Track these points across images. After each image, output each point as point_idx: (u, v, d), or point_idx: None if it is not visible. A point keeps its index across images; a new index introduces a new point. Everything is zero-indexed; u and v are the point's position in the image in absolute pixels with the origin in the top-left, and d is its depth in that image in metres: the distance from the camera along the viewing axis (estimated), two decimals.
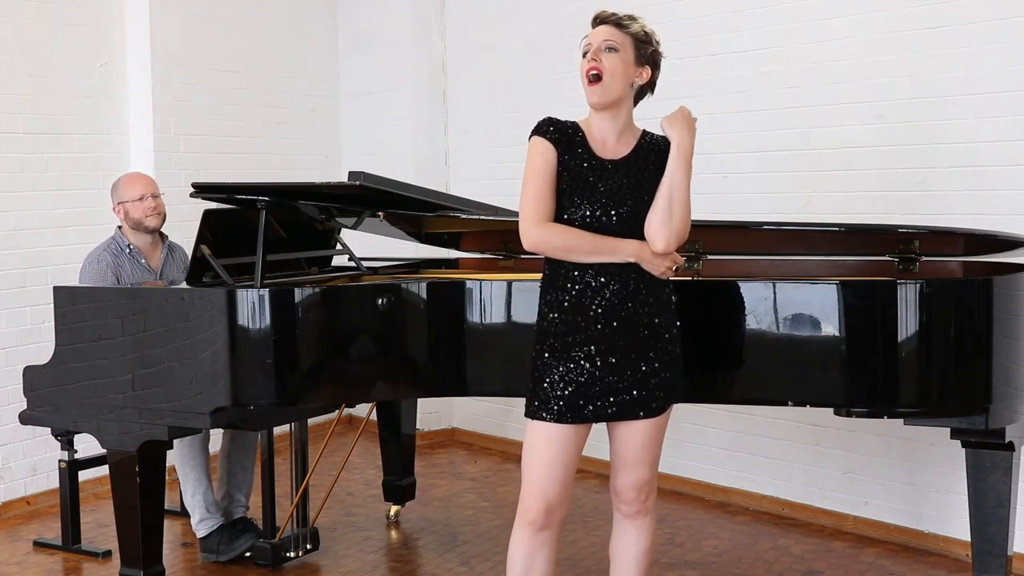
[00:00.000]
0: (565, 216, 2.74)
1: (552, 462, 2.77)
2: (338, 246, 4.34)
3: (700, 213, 4.50)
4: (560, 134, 2.78)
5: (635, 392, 2.77)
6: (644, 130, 2.92)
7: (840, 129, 4.43)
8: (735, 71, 4.75)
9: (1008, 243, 3.34)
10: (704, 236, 3.68)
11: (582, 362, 2.75)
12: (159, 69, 5.35)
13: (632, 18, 2.84)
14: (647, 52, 2.86)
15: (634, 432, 2.84)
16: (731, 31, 4.76)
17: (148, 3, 5.29)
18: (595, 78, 2.74)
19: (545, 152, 2.76)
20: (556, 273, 2.79)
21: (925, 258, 3.46)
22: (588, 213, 2.73)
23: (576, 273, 2.75)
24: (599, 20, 2.83)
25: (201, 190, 3.74)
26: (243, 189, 3.75)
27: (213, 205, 3.89)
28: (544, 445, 2.77)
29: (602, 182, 2.76)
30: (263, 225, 3.58)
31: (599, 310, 2.75)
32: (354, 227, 4.22)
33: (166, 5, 5.39)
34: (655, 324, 2.79)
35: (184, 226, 4.41)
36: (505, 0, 5.76)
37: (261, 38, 5.96)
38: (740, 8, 4.72)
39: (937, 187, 4.15)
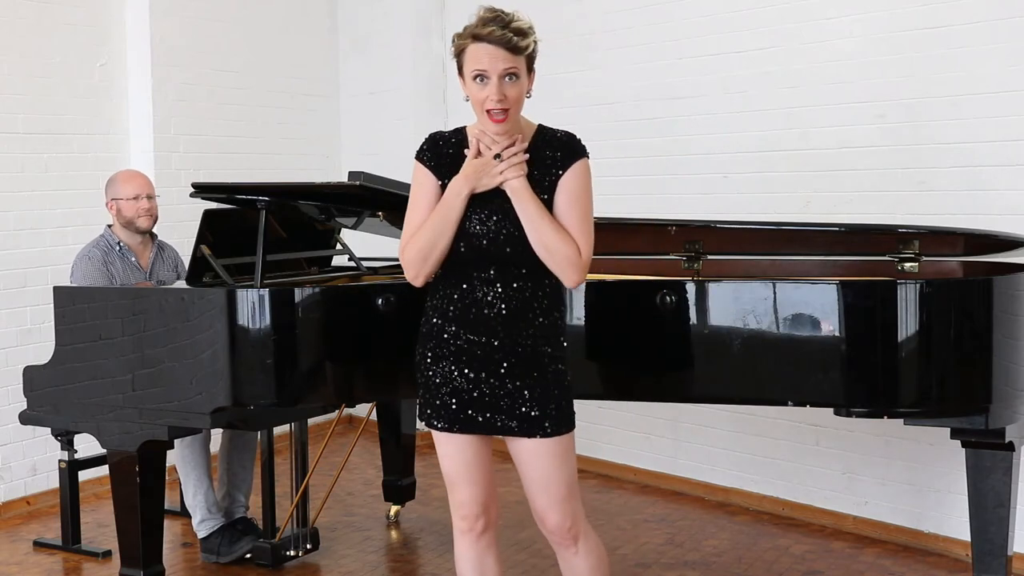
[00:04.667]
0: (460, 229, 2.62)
1: (468, 467, 2.69)
2: (338, 246, 4.34)
3: (700, 213, 4.55)
4: (439, 157, 2.67)
5: (522, 411, 2.62)
6: (539, 127, 2.70)
7: (840, 129, 4.43)
8: (735, 71, 4.75)
9: (1008, 243, 3.35)
10: (704, 236, 3.68)
11: (465, 371, 2.64)
12: (159, 69, 5.35)
13: (523, 32, 2.58)
14: (534, 59, 2.64)
15: (533, 454, 2.66)
16: (731, 31, 4.76)
17: (148, 3, 5.29)
18: (503, 115, 2.55)
19: (424, 182, 2.67)
20: (445, 279, 2.68)
21: (925, 258, 3.46)
22: (480, 229, 2.60)
23: (465, 285, 2.63)
24: (490, 39, 2.57)
25: (201, 190, 3.74)
26: (243, 189, 3.75)
27: (213, 205, 3.89)
28: (457, 453, 2.69)
29: (487, 201, 2.60)
30: (263, 225, 3.58)
31: (485, 323, 2.62)
32: (354, 227, 4.22)
33: (166, 5, 5.39)
34: (541, 343, 2.64)
35: (184, 226, 4.42)
36: (505, 1, 5.74)
37: (261, 38, 5.96)
38: (740, 8, 4.72)
39: (937, 187, 4.15)
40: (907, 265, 3.44)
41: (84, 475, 4.45)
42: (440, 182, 2.67)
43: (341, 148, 6.48)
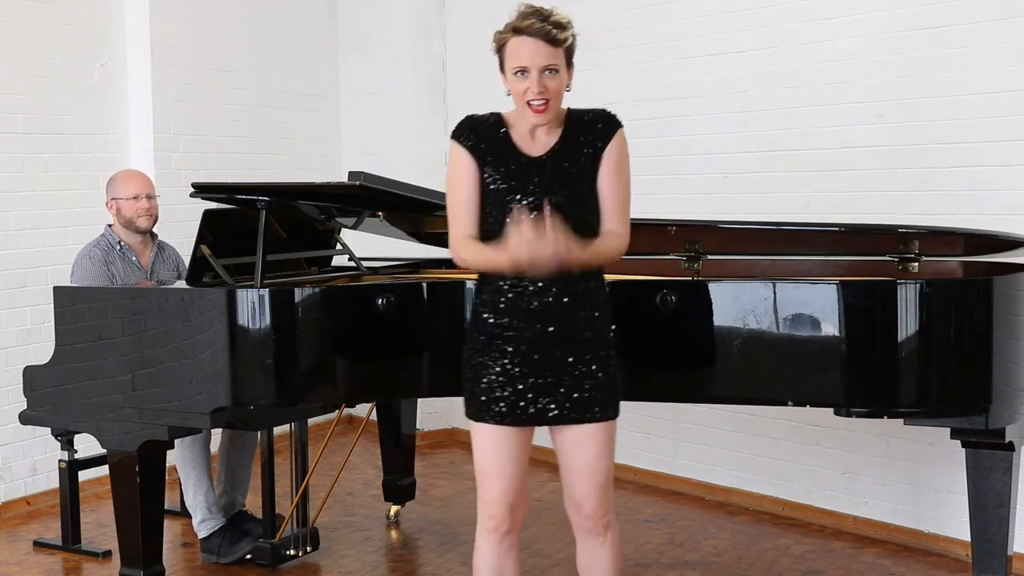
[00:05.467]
0: (494, 213, 2.68)
1: (505, 465, 2.73)
2: (338, 246, 4.34)
3: (700, 213, 4.55)
4: (478, 138, 2.71)
5: (575, 396, 2.69)
6: (568, 109, 2.76)
7: (840, 129, 4.43)
8: (735, 71, 4.75)
9: (1008, 243, 3.34)
10: (704, 236, 3.68)
11: (518, 364, 2.69)
12: (159, 69, 5.35)
13: (561, 25, 2.64)
14: (572, 53, 2.70)
15: (581, 439, 2.73)
16: (731, 31, 4.76)
17: (148, 3, 5.29)
18: (543, 106, 2.63)
19: (462, 165, 2.71)
20: (493, 275, 2.71)
21: (925, 258, 3.46)
22: (522, 199, 2.65)
23: (513, 278, 2.67)
24: (530, 32, 2.62)
25: (201, 190, 3.74)
26: (243, 189, 3.75)
27: (213, 205, 3.89)
28: (493, 448, 2.73)
29: (530, 178, 2.67)
30: (263, 225, 3.58)
31: (535, 313, 2.67)
32: (354, 227, 4.22)
33: (166, 5, 5.39)
34: (592, 329, 2.71)
35: (184, 226, 4.42)
36: (505, 0, 5.75)
37: (261, 38, 5.96)
38: (740, 8, 4.72)
39: (937, 187, 4.15)
40: (907, 265, 3.44)
41: (84, 475, 4.45)
42: (478, 165, 2.70)
43: (341, 148, 6.48)
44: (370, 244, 4.66)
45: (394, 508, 4.71)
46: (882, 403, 3.18)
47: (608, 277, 3.54)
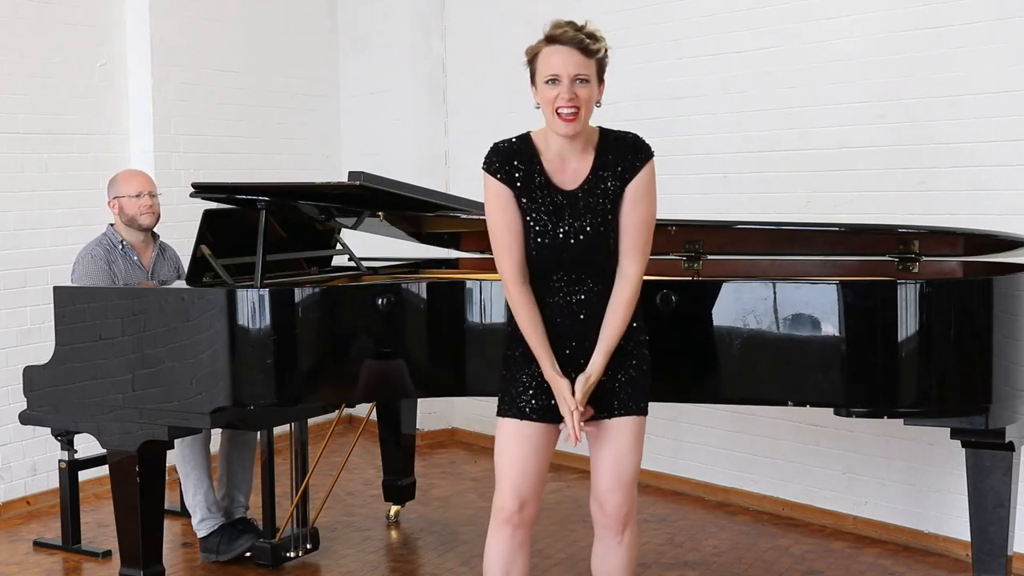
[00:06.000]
0: (530, 237, 2.73)
1: (525, 458, 2.77)
2: (338, 246, 4.34)
3: (700, 213, 4.55)
4: (510, 167, 2.72)
5: (603, 392, 2.77)
6: (600, 129, 2.80)
7: (840, 129, 4.43)
8: (735, 71, 4.75)
9: (1008, 243, 3.34)
10: (704, 236, 3.68)
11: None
12: (159, 69, 5.35)
13: (594, 37, 2.67)
14: (604, 67, 2.74)
15: (609, 435, 2.80)
16: (731, 31, 4.76)
17: (148, 3, 5.29)
18: (573, 115, 2.64)
19: (500, 194, 2.72)
20: (531, 286, 2.78)
21: (925, 258, 3.45)
22: (551, 236, 2.71)
23: (546, 287, 2.75)
24: (564, 41, 2.65)
25: (201, 190, 3.74)
26: (243, 189, 3.75)
27: (213, 205, 3.89)
28: (516, 442, 2.77)
29: (563, 215, 2.71)
30: (263, 225, 3.58)
31: (568, 322, 2.75)
32: (354, 227, 4.22)
33: (166, 5, 5.39)
34: (628, 338, 2.79)
35: (184, 226, 4.42)
36: (505, 1, 5.76)
37: (261, 38, 5.96)
38: (740, 8, 4.72)
39: (937, 187, 4.15)
40: (907, 265, 3.44)
41: (84, 475, 4.45)
42: (514, 195, 2.72)
43: (341, 148, 6.48)
44: (370, 244, 4.66)
45: (394, 508, 4.71)
46: (882, 403, 3.18)
47: None
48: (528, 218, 2.73)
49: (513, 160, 2.73)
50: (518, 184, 2.72)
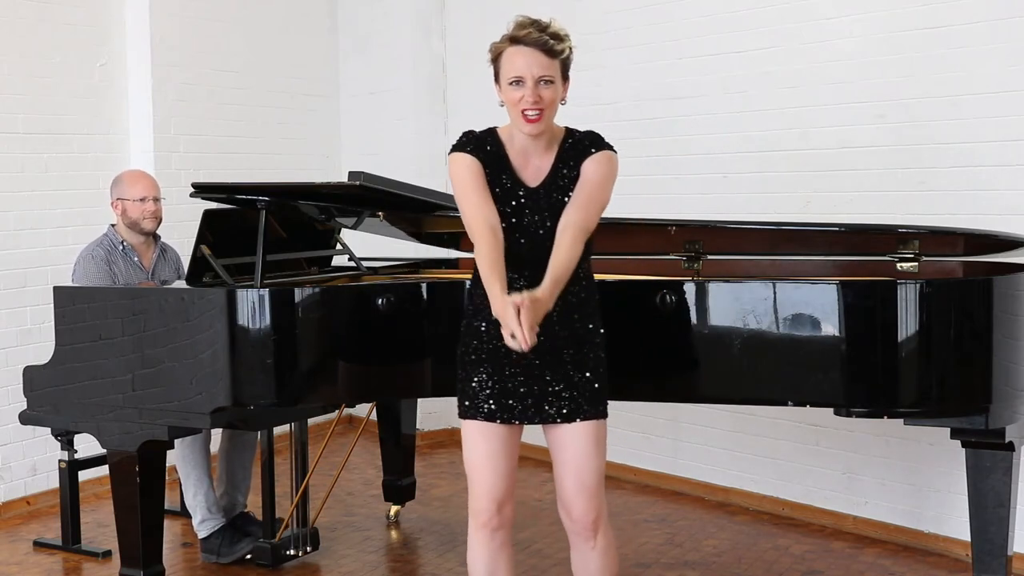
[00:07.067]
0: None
1: (494, 459, 2.76)
2: (338, 246, 4.34)
3: (700, 213, 4.55)
4: (484, 154, 2.71)
5: (565, 396, 2.74)
6: (566, 129, 2.77)
7: (840, 129, 4.43)
8: (735, 71, 4.75)
9: (1008, 243, 3.34)
10: (704, 236, 3.68)
11: (509, 368, 2.73)
12: (159, 69, 5.35)
13: (559, 37, 2.64)
14: (568, 66, 2.70)
15: (569, 437, 2.76)
16: (731, 31, 4.76)
17: (148, 3, 5.29)
18: (538, 116, 2.63)
19: (471, 165, 2.69)
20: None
21: (925, 258, 3.46)
22: (512, 231, 2.68)
23: (510, 280, 2.66)
24: (527, 42, 2.62)
25: (201, 190, 3.74)
26: (243, 189, 3.75)
27: (213, 205, 3.89)
28: (483, 444, 2.76)
29: (523, 212, 2.71)
30: (263, 225, 3.58)
31: None
32: (354, 227, 4.22)
33: (166, 5, 5.38)
34: (583, 336, 2.76)
35: (184, 226, 4.42)
36: (505, 1, 5.75)
37: (261, 38, 5.96)
38: (740, 8, 4.72)
39: (937, 187, 4.15)
40: (907, 265, 3.44)
41: (84, 475, 4.45)
42: (486, 171, 2.70)
43: (341, 148, 6.48)
44: (370, 244, 4.66)
45: (394, 508, 4.71)
46: (882, 403, 3.18)
47: (608, 277, 3.56)
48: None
49: (486, 147, 2.73)
50: (487, 171, 2.71)
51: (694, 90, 4.90)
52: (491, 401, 2.75)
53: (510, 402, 2.74)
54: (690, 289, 3.29)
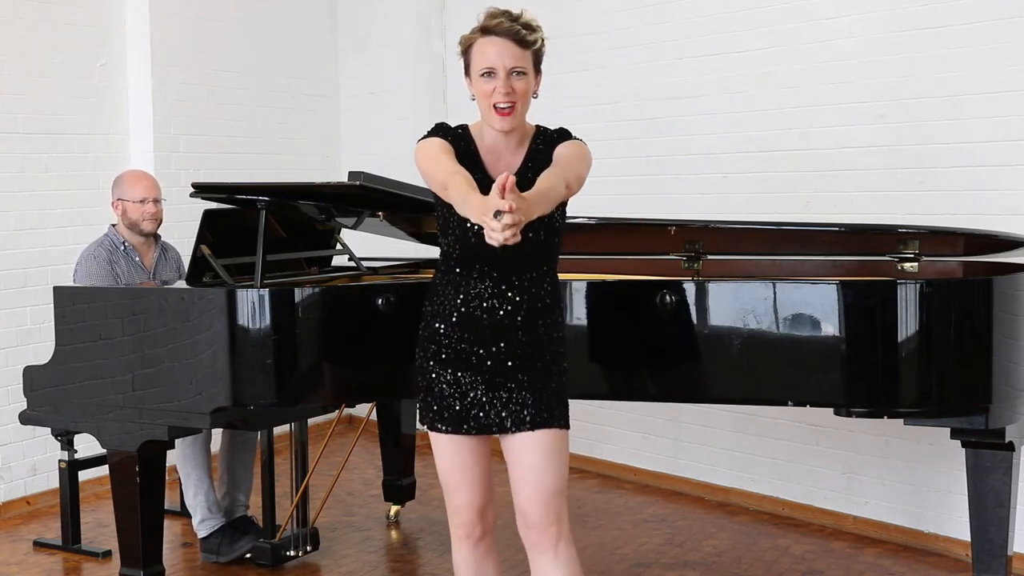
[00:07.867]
0: (454, 219, 2.57)
1: (468, 471, 2.67)
2: (338, 246, 4.34)
3: (700, 213, 4.55)
4: (458, 146, 2.63)
5: (525, 406, 2.62)
6: (536, 127, 2.68)
7: (840, 129, 4.43)
8: (735, 71, 4.75)
9: (1008, 243, 3.35)
10: (704, 236, 3.68)
11: (469, 376, 2.63)
12: (159, 69, 5.35)
13: (530, 27, 2.57)
14: (540, 58, 2.62)
15: (525, 445, 2.63)
16: (731, 31, 4.76)
17: (148, 3, 5.29)
18: (509, 109, 2.54)
19: (443, 143, 2.61)
20: (446, 283, 2.67)
21: (925, 258, 3.46)
22: (476, 227, 2.53)
23: (465, 289, 2.62)
24: (499, 32, 2.55)
25: (201, 190, 3.74)
26: (243, 189, 3.75)
27: (213, 205, 3.89)
28: (455, 455, 2.67)
29: None
30: (263, 225, 3.58)
31: (487, 328, 2.61)
32: (354, 227, 4.22)
33: (166, 5, 5.39)
34: (546, 339, 2.66)
35: (184, 226, 4.42)
36: (505, 1, 5.74)
37: (261, 38, 5.96)
38: (740, 8, 4.72)
39: (937, 187, 4.15)
40: (907, 265, 3.44)
41: (84, 475, 4.45)
42: (459, 159, 2.59)
43: (341, 148, 6.48)
44: (370, 244, 4.66)
45: (394, 508, 4.71)
46: (882, 403, 3.18)
47: (608, 277, 3.56)
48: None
49: (459, 141, 2.65)
50: (458, 154, 2.61)
51: (694, 90, 4.90)
52: (455, 408, 2.64)
53: (473, 411, 2.64)
54: (690, 289, 3.29)
